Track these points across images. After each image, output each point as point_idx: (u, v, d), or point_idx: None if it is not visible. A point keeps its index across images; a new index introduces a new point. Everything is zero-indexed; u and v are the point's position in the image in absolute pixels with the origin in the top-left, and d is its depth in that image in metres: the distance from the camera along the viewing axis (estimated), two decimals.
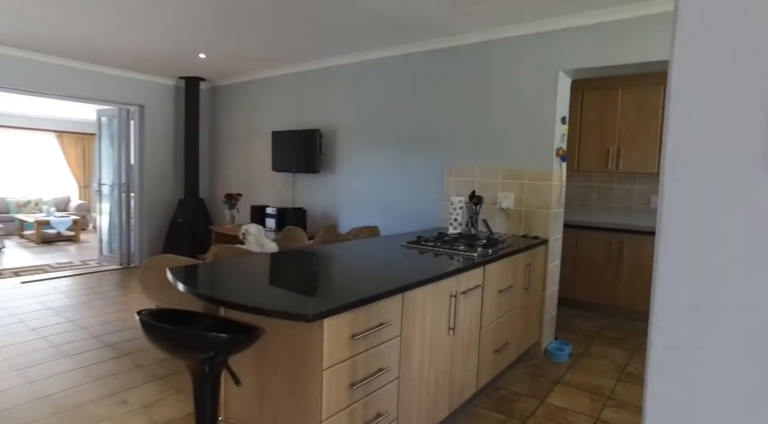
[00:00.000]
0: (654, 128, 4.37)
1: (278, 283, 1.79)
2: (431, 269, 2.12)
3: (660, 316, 0.72)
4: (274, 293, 1.63)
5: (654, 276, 0.73)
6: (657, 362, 0.72)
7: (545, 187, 3.33)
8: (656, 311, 0.72)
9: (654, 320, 0.72)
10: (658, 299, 0.72)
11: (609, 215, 4.93)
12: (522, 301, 3.05)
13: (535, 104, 3.34)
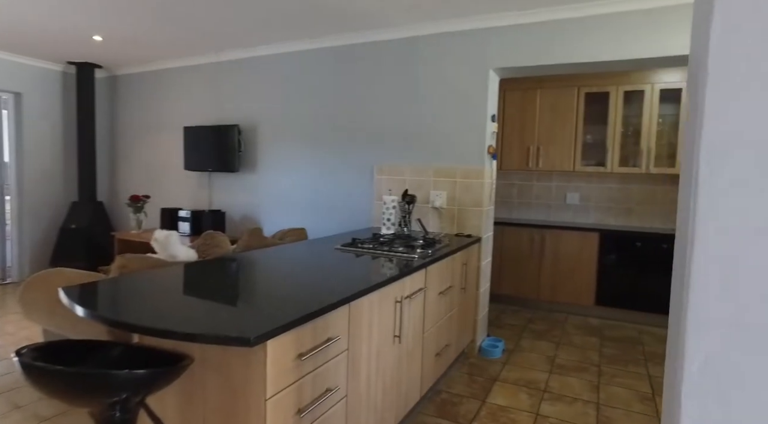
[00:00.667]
0: (569, 128, 4.59)
1: (205, 298, 1.53)
2: (374, 274, 1.97)
3: (694, 331, 0.62)
4: (202, 312, 1.38)
5: (685, 285, 0.63)
6: (690, 382, 0.63)
7: (477, 185, 3.33)
8: (690, 326, 0.63)
9: (687, 337, 0.63)
10: (691, 313, 0.63)
11: (529, 211, 5.12)
12: (460, 301, 3.00)
13: (466, 102, 3.32)
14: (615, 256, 4.26)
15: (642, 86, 4.31)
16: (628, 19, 2.86)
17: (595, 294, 4.34)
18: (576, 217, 4.92)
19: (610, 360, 3.36)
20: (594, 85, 4.48)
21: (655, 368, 3.24)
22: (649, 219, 4.64)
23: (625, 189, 4.72)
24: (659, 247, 4.10)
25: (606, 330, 4.05)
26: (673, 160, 4.30)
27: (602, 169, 4.51)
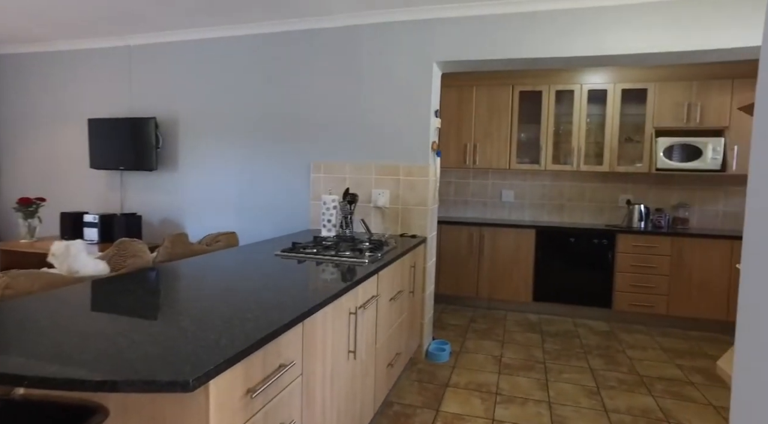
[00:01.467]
0: (504, 126, 4.62)
1: (122, 327, 1.22)
2: (325, 284, 1.74)
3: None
4: (120, 346, 1.08)
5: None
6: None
7: (422, 183, 3.20)
8: None
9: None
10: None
11: (466, 209, 5.12)
12: (409, 305, 2.85)
13: (410, 96, 3.17)
14: (551, 252, 4.35)
15: (572, 86, 4.44)
16: (574, 16, 2.87)
17: (533, 290, 4.40)
18: (511, 214, 4.98)
19: (553, 356, 3.39)
20: (528, 84, 4.54)
21: (595, 361, 3.31)
22: (580, 215, 4.80)
23: (557, 186, 4.85)
24: (591, 242, 4.23)
25: (544, 325, 4.11)
26: (601, 159, 4.47)
27: (536, 167, 4.59)
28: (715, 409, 2.68)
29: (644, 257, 4.10)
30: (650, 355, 3.46)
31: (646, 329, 4.07)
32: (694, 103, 4.14)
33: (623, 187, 4.67)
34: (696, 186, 4.49)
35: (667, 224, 4.44)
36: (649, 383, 2.99)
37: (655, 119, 4.25)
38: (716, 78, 4.09)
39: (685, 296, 4.03)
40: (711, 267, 3.96)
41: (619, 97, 4.33)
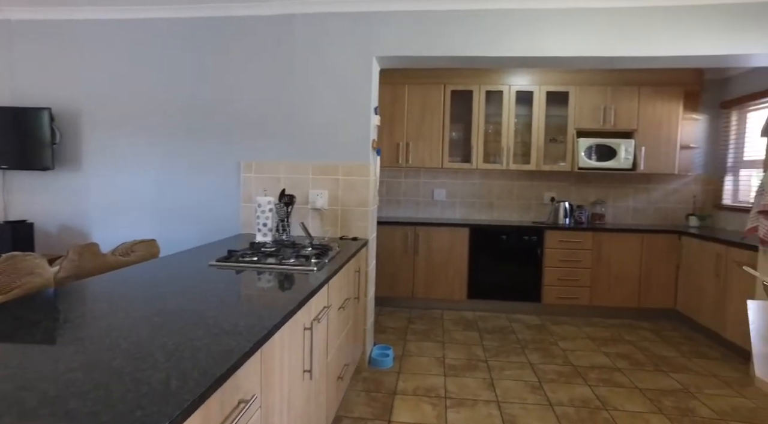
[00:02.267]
0: (437, 125, 4.62)
1: (24, 377, 0.94)
2: (276, 298, 1.55)
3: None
4: (23, 408, 0.82)
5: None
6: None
7: (362, 183, 3.06)
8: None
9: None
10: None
11: (398, 208, 5.06)
12: (354, 312, 2.70)
13: (349, 91, 3.02)
14: (484, 249, 4.42)
15: (501, 87, 4.55)
16: (516, 17, 2.89)
17: (467, 288, 4.45)
18: (443, 212, 5.02)
19: (493, 353, 3.42)
20: (459, 83, 4.58)
21: (532, 355, 3.39)
22: (508, 212, 4.95)
23: (487, 185, 4.96)
24: (521, 239, 4.37)
25: (480, 322, 4.16)
26: (528, 158, 4.63)
27: (468, 166, 4.65)
28: (641, 391, 2.85)
29: (569, 252, 4.31)
30: (579, 345, 3.63)
31: (572, 320, 4.29)
32: (609, 107, 4.43)
33: (548, 185, 4.88)
34: (610, 184, 4.82)
35: (587, 220, 4.71)
36: (584, 372, 3.11)
37: (576, 121, 4.49)
38: (626, 84, 4.41)
39: (604, 287, 4.30)
40: (625, 259, 4.25)
41: (544, 99, 4.51)
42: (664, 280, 4.24)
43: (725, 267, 3.55)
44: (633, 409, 2.63)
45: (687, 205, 4.73)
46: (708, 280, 3.76)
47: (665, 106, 4.39)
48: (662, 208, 4.78)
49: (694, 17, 2.79)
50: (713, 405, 2.72)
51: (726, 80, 4.55)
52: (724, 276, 3.56)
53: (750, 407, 2.73)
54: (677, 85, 4.36)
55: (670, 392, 2.86)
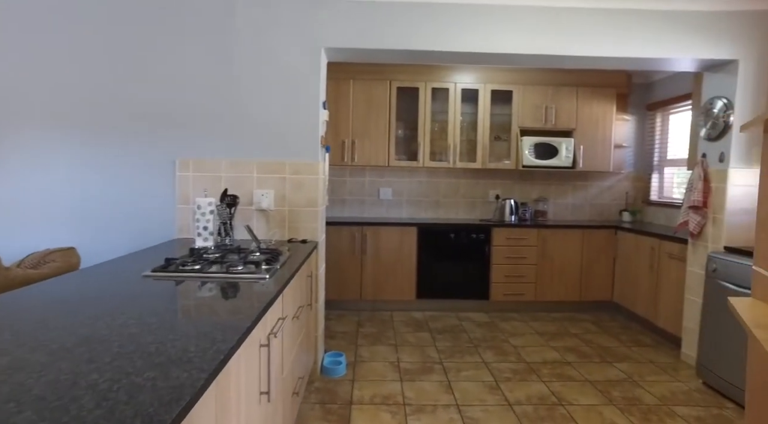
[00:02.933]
0: (383, 122, 4.52)
1: None
2: (228, 313, 1.35)
3: None
4: None
5: None
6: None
7: (311, 182, 2.88)
8: None
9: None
10: None
11: (343, 208, 4.91)
12: (306, 320, 2.52)
13: (296, 84, 2.82)
14: (432, 248, 4.38)
15: (447, 84, 4.53)
16: (467, 11, 2.83)
17: (416, 288, 4.39)
18: (389, 212, 4.92)
19: (448, 354, 3.37)
20: (405, 80, 4.50)
21: (486, 354, 3.38)
22: (454, 211, 4.95)
23: (433, 183, 4.93)
24: (469, 237, 4.37)
25: (431, 322, 4.11)
26: (474, 156, 4.65)
27: (414, 164, 4.59)
28: (592, 384, 2.91)
29: (515, 249, 4.37)
30: (529, 340, 3.68)
31: (519, 315, 4.35)
32: (550, 107, 4.55)
33: (492, 182, 4.94)
34: (551, 181, 4.96)
35: (531, 217, 4.82)
36: (537, 368, 3.14)
37: (519, 119, 4.56)
38: (566, 85, 4.54)
39: (548, 282, 4.41)
40: (567, 254, 4.39)
41: (489, 98, 4.54)
42: (603, 273, 4.42)
43: (658, 259, 3.74)
44: (587, 402, 2.67)
45: (620, 201, 4.97)
46: (642, 272, 3.95)
47: (600, 107, 4.57)
48: (598, 204, 4.99)
49: (630, 20, 2.88)
50: (655, 392, 2.83)
51: (651, 84, 4.83)
52: (657, 268, 3.75)
53: (684, 390, 2.87)
54: (610, 88, 4.57)
55: (617, 382, 2.95)
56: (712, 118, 3.10)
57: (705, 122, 3.16)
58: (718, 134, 3.05)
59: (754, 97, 2.97)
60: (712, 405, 2.71)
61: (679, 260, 3.49)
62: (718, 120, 3.06)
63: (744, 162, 2.99)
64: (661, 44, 2.90)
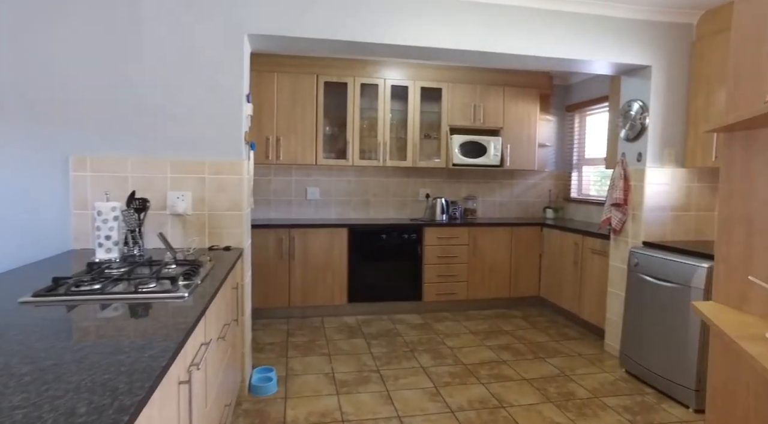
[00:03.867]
0: (310, 119, 4.28)
1: None
2: (135, 347, 1.09)
3: None
4: None
5: None
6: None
7: (234, 183, 2.60)
8: None
9: None
10: None
11: (268, 209, 4.61)
12: (232, 338, 2.25)
13: (216, 73, 2.52)
14: (364, 250, 4.23)
15: (376, 80, 4.39)
16: (399, 3, 2.69)
17: (348, 291, 4.22)
18: (317, 212, 4.70)
19: (384, 361, 3.24)
20: (333, 75, 4.30)
21: (423, 358, 3.29)
22: (384, 210, 4.84)
23: (362, 182, 4.78)
24: (401, 237, 4.28)
25: (364, 327, 3.96)
26: (404, 153, 4.57)
27: (343, 162, 4.41)
28: (529, 382, 2.93)
29: (447, 248, 4.35)
30: (464, 341, 3.66)
31: (452, 315, 4.34)
32: (479, 105, 4.58)
33: (422, 181, 4.89)
34: (480, 180, 5.02)
35: (461, 216, 4.84)
36: (474, 370, 3.10)
37: (449, 118, 4.55)
38: (493, 84, 4.60)
39: (479, 280, 4.44)
40: (497, 252, 4.45)
41: (418, 95, 4.47)
42: (530, 269, 4.54)
43: (582, 255, 3.89)
44: (526, 402, 2.67)
45: (544, 198, 5.16)
46: (567, 267, 4.10)
47: (525, 106, 4.69)
48: (524, 201, 5.14)
49: (555, 21, 2.93)
50: (586, 385, 2.91)
51: (570, 86, 5.05)
52: (581, 263, 3.90)
53: (611, 380, 2.98)
54: (534, 88, 4.70)
55: (551, 379, 2.99)
56: (630, 120, 3.25)
57: (624, 124, 3.31)
58: (636, 135, 3.20)
59: (665, 101, 3.15)
60: (635, 393, 2.83)
61: (601, 255, 3.64)
62: (635, 122, 3.21)
63: (658, 162, 3.16)
64: (583, 46, 2.98)
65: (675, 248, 2.87)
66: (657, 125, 3.14)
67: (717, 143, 2.89)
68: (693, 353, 2.61)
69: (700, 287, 2.57)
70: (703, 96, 3.02)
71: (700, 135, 3.03)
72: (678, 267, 2.71)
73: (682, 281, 2.67)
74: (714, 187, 3.25)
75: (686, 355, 2.64)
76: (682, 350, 2.67)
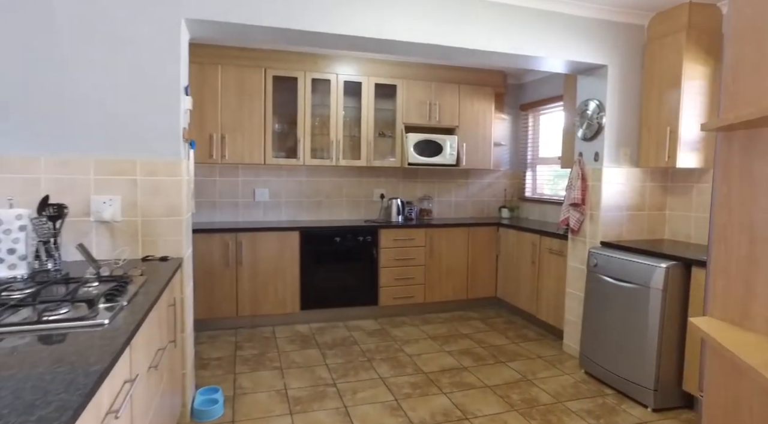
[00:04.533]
0: (258, 115, 4.01)
1: None
2: (27, 403, 0.85)
3: None
4: None
5: None
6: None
7: (172, 185, 2.32)
8: None
9: None
10: None
11: (213, 212, 4.28)
12: (169, 361, 1.99)
13: (149, 62, 2.23)
14: (317, 254, 4.01)
15: (328, 75, 4.17)
16: None
17: (300, 298, 3.99)
18: (267, 214, 4.43)
19: (341, 373, 3.05)
20: (282, 68, 4.05)
21: (381, 368, 3.13)
22: (338, 212, 4.63)
23: (314, 182, 4.55)
24: (356, 239, 4.09)
25: (318, 336, 3.75)
26: (358, 153, 4.38)
27: (294, 162, 4.16)
28: (492, 390, 2.83)
29: (403, 250, 4.21)
30: (423, 347, 3.53)
31: (410, 320, 4.21)
32: (434, 103, 4.47)
33: (377, 181, 4.72)
34: (435, 179, 4.91)
35: (416, 216, 4.72)
36: (435, 379, 2.97)
37: (404, 115, 4.41)
38: (448, 82, 4.51)
39: (437, 282, 4.34)
40: (454, 253, 4.36)
41: (373, 92, 4.30)
42: (487, 270, 4.49)
43: (539, 255, 3.87)
44: (490, 412, 2.56)
45: (499, 198, 5.13)
46: (524, 267, 4.07)
47: (481, 105, 4.63)
48: (479, 201, 5.09)
49: (512, 15, 2.85)
50: (549, 389, 2.85)
51: (523, 85, 5.05)
52: (539, 263, 3.88)
53: (572, 383, 2.94)
54: (489, 86, 4.65)
55: (514, 384, 2.91)
56: (587, 119, 3.23)
57: (581, 123, 3.29)
58: (593, 134, 3.19)
59: (621, 101, 3.15)
60: (597, 394, 2.80)
61: (558, 255, 3.62)
62: (592, 121, 3.19)
63: (614, 162, 3.16)
64: (542, 43, 2.91)
65: (633, 248, 2.86)
66: (613, 125, 3.14)
67: (669, 145, 2.92)
68: (652, 353, 2.60)
69: (659, 288, 2.56)
70: (655, 97, 3.04)
71: (653, 135, 3.05)
72: (637, 267, 2.70)
73: (642, 281, 2.66)
74: (665, 187, 3.29)
75: (645, 355, 2.63)
76: (640, 350, 2.66)
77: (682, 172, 3.20)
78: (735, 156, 1.06)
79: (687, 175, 3.17)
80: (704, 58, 2.90)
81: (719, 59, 2.93)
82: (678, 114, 2.87)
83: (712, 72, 2.92)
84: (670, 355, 2.60)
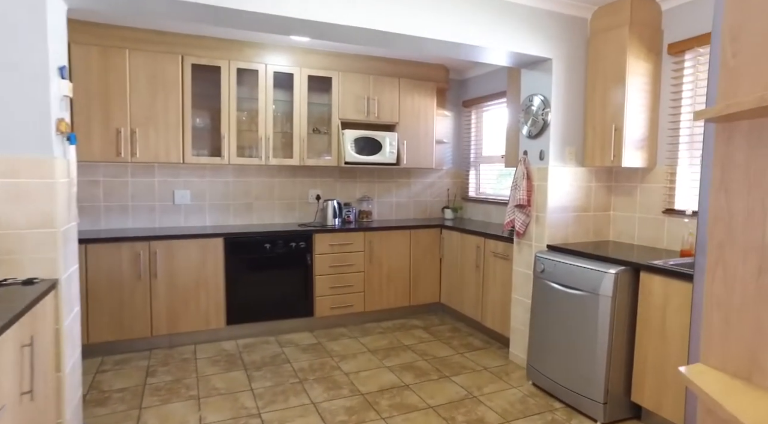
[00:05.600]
0: (175, 108, 3.54)
1: None
2: None
3: None
4: None
5: None
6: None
7: (40, 189, 1.87)
8: None
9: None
10: None
11: (125, 218, 3.76)
12: (25, 419, 1.55)
13: (3, 33, 1.77)
14: (244, 263, 3.61)
15: (256, 65, 3.77)
16: None
17: (225, 313, 3.57)
18: (189, 219, 3.96)
19: (268, 400, 2.68)
20: (203, 56, 3.60)
21: (314, 391, 2.80)
22: (269, 215, 4.24)
23: (242, 183, 4.12)
24: (288, 246, 3.73)
25: (246, 354, 3.35)
26: (290, 151, 4.01)
27: (218, 161, 3.73)
28: (435, 411, 2.58)
29: (341, 256, 3.89)
30: (362, 363, 3.22)
31: (348, 331, 3.89)
32: (372, 98, 4.18)
33: (312, 181, 4.37)
34: (375, 179, 4.62)
35: (355, 219, 4.41)
36: (374, 401, 2.68)
37: (340, 111, 4.08)
38: (388, 75, 4.23)
39: (377, 289, 4.05)
40: (396, 257, 4.09)
41: (305, 84, 3.94)
42: (430, 275, 4.26)
43: (483, 258, 3.68)
44: None
45: (442, 198, 4.92)
46: (468, 272, 3.87)
47: (422, 101, 4.39)
48: (421, 201, 4.86)
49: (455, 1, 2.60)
50: (495, 406, 2.64)
51: (466, 81, 4.87)
52: (483, 267, 3.68)
53: (519, 397, 2.76)
54: (430, 81, 4.41)
55: (459, 403, 2.68)
56: (532, 115, 3.05)
57: (526, 119, 3.11)
58: (539, 132, 3.01)
59: (566, 97, 2.99)
60: (545, 409, 2.62)
61: (504, 259, 3.44)
62: (537, 117, 3.02)
63: (560, 160, 3.00)
64: (485, 32, 2.69)
65: (581, 252, 2.70)
66: (559, 122, 2.98)
67: (615, 143, 2.79)
68: (601, 364, 2.44)
69: (608, 295, 2.40)
70: (599, 94, 2.90)
71: (598, 133, 2.92)
72: (585, 273, 2.53)
73: (590, 288, 2.49)
74: (610, 187, 3.18)
75: (594, 367, 2.47)
76: (590, 361, 2.50)
77: (626, 172, 3.10)
78: (737, 154, 0.83)
79: (631, 174, 3.07)
80: (646, 54, 2.79)
81: (660, 55, 2.84)
82: (623, 111, 2.74)
83: (653, 68, 2.83)
84: (619, 365, 2.46)
